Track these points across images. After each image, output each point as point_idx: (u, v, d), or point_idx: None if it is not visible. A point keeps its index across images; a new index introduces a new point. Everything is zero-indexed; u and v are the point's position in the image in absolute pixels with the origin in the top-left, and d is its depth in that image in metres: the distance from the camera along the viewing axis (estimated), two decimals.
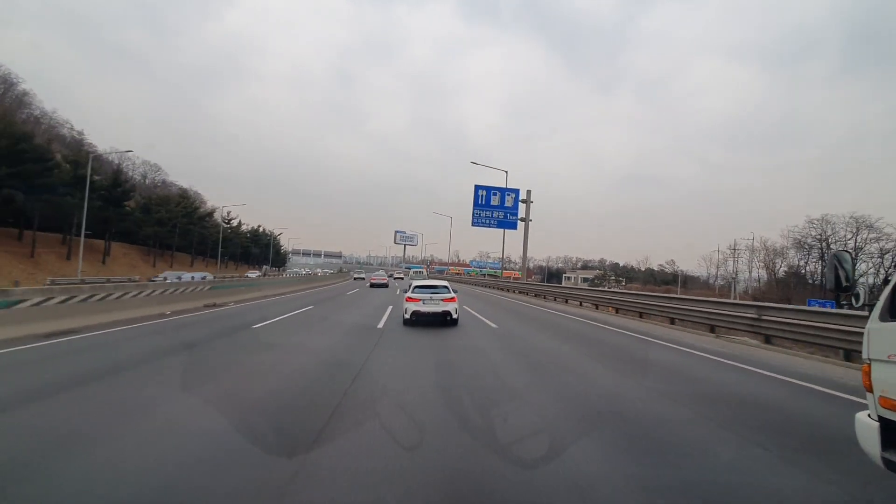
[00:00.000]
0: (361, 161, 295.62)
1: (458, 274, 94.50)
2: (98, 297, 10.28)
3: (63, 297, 9.24)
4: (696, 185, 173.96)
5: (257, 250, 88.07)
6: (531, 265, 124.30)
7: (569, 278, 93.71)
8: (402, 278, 35.14)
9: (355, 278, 51.60)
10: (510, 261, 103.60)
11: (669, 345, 9.73)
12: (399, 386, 5.53)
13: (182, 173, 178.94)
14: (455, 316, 11.97)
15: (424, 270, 29.60)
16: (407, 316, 11.66)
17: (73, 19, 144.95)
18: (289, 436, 3.72)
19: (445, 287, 12.43)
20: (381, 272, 48.12)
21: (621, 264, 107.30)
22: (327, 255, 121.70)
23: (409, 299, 11.71)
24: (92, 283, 16.71)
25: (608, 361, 7.57)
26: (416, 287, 12.24)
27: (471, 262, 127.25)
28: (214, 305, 15.39)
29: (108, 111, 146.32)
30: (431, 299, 11.69)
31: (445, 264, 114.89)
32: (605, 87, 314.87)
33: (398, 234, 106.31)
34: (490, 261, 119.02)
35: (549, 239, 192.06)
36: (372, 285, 34.95)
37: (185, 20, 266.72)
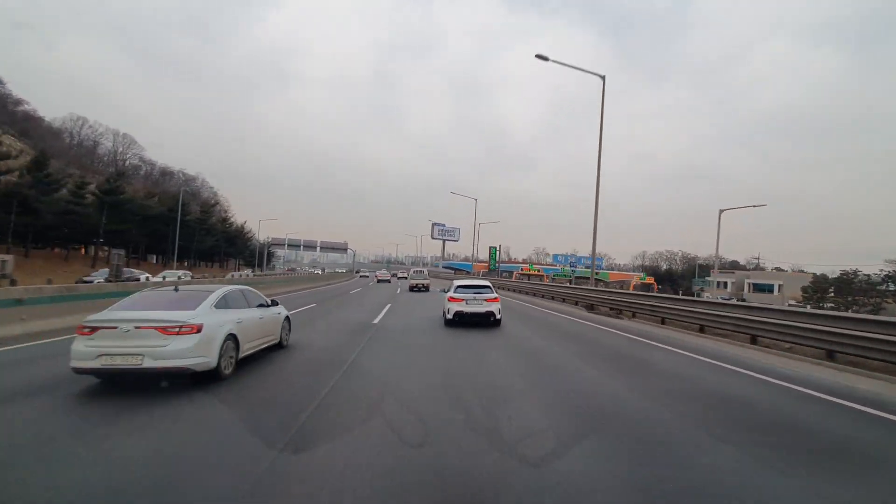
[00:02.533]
0: (399, 160, 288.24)
1: (529, 276, 74.36)
2: None
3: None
4: (755, 181, 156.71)
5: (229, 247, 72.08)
6: (612, 262, 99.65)
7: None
8: (406, 277, 36.92)
9: (360, 276, 59.95)
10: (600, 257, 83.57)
11: None
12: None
13: (221, 175, 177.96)
14: (498, 317, 11.44)
15: (425, 271, 29.65)
16: (449, 316, 11.25)
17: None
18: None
19: (488, 287, 12.08)
20: (384, 270, 57.98)
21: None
22: (326, 246, 72.61)
23: (452, 299, 11.35)
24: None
25: None
26: (459, 287, 11.85)
27: (554, 257, 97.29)
28: None
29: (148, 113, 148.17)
30: (475, 299, 11.35)
31: (468, 262, 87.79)
32: (658, 77, 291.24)
33: (436, 228, 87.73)
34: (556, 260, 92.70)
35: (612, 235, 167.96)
36: (379, 280, 43.95)
37: (228, 26, 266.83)
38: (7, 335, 7.78)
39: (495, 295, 11.83)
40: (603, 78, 18.95)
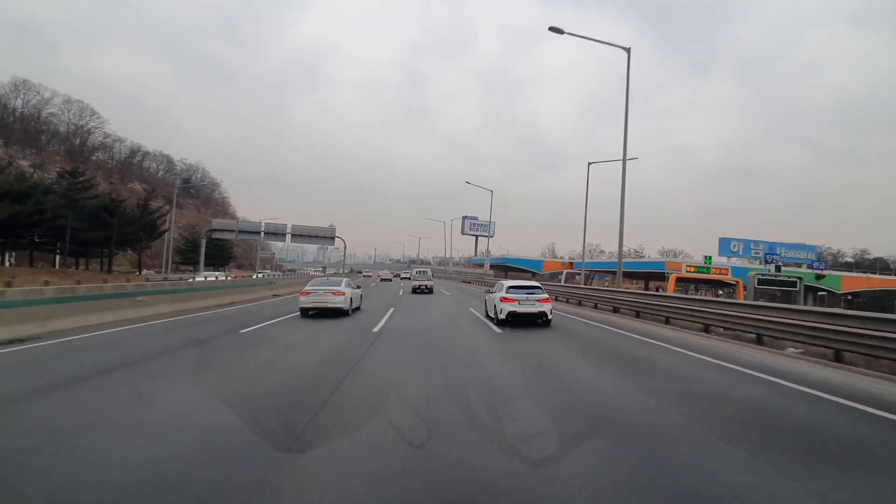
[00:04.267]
0: (428, 160, 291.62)
1: (576, 277, 48.23)
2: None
3: None
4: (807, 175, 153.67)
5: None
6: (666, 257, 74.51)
7: None
8: (408, 278, 37.78)
9: (364, 276, 66.30)
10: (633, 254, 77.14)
11: None
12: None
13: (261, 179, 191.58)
14: (550, 317, 12.18)
15: (428, 271, 28.90)
16: (502, 316, 12.01)
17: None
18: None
19: (539, 288, 12.88)
20: (386, 271, 65.98)
21: None
22: (302, 233, 48.58)
23: (504, 299, 12.11)
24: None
25: None
26: (510, 288, 12.51)
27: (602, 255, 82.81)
28: None
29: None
30: (527, 299, 12.05)
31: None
32: (700, 68, 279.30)
33: (468, 222, 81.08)
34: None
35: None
36: (381, 280, 51.52)
37: (264, 29, 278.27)
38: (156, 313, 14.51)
39: (546, 296, 12.45)
40: (628, 51, 18.77)
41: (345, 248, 62.76)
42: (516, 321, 11.87)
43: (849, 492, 3.15)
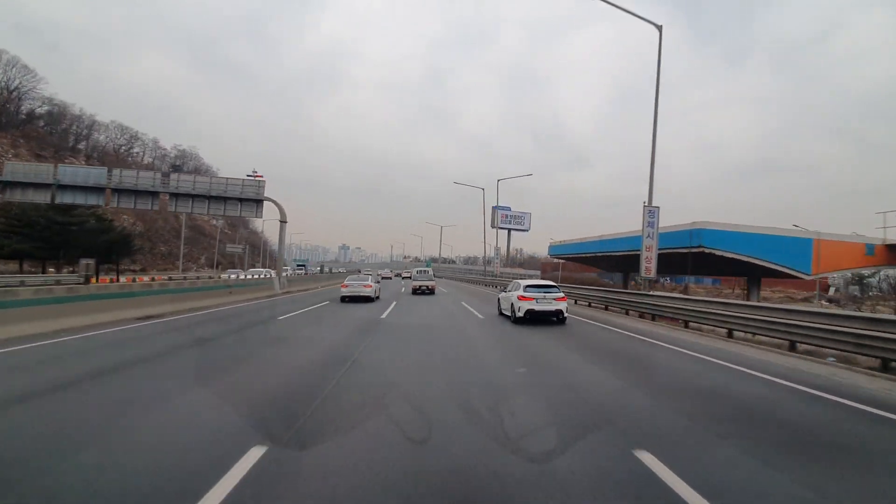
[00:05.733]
0: (453, 160, 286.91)
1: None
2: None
3: None
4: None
5: None
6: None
7: None
8: (409, 277, 38.02)
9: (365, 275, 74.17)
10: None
11: None
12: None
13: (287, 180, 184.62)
14: (566, 315, 12.86)
15: (429, 270, 27.19)
16: (520, 314, 12.42)
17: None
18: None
19: (555, 287, 13.42)
20: (387, 270, 69.01)
21: None
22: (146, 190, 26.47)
23: (522, 297, 12.56)
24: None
25: None
26: (528, 287, 13.05)
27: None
28: None
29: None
30: (545, 298, 12.59)
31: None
32: (733, 60, 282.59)
33: (499, 213, 70.06)
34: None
35: None
36: (382, 278, 52.35)
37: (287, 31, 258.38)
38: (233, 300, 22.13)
39: (563, 294, 13.01)
40: (660, 28, 18.28)
41: (282, 223, 45.27)
42: (534, 318, 12.49)
43: None
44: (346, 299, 18.91)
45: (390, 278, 56.99)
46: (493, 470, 3.27)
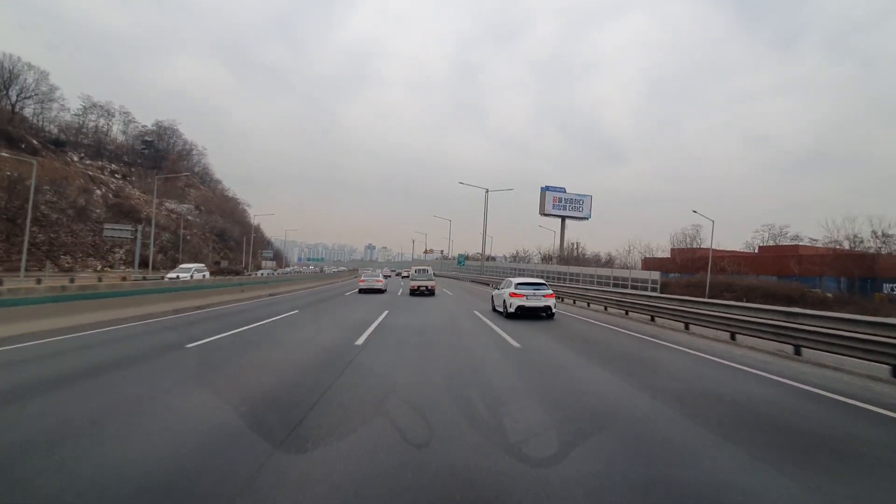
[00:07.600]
0: (481, 159, 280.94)
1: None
2: None
3: None
4: None
5: None
6: None
7: None
8: (408, 276, 38.04)
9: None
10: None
11: None
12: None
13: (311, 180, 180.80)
14: (554, 311, 13.37)
15: (429, 270, 27.00)
16: (511, 310, 13.03)
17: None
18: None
19: (544, 284, 14.06)
20: (387, 269, 68.77)
21: None
22: None
23: (514, 294, 13.13)
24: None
25: None
26: (519, 284, 13.65)
27: None
28: None
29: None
30: (535, 295, 13.17)
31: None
32: (783, 45, 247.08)
33: (550, 195, 57.45)
34: None
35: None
36: (384, 276, 62.62)
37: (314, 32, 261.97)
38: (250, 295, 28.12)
39: (552, 291, 13.62)
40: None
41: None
42: (525, 314, 13.15)
43: None
44: (363, 291, 24.55)
45: (389, 276, 54.99)
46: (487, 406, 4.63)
